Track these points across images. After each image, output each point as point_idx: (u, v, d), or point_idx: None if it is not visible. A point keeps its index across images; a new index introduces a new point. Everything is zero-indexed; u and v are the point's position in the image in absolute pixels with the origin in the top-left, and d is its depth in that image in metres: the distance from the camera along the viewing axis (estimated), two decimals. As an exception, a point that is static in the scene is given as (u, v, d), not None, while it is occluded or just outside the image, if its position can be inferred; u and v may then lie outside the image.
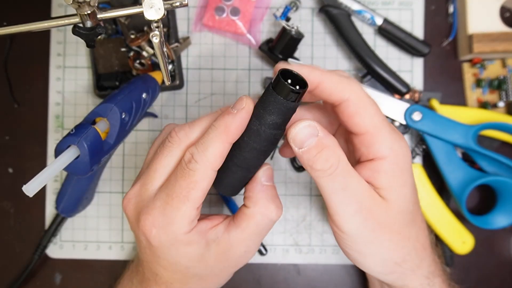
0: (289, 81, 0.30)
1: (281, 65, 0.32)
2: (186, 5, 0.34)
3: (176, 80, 0.50)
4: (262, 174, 0.34)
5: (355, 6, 0.49)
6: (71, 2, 0.31)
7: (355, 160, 0.34)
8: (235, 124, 0.31)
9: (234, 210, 0.50)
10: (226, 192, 0.36)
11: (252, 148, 0.32)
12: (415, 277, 0.34)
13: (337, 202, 0.31)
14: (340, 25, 0.48)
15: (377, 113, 0.32)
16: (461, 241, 0.49)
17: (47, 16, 0.52)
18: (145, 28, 0.48)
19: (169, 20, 0.49)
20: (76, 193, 0.46)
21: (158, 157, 0.35)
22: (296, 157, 0.32)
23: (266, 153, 0.33)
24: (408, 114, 0.47)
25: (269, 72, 0.52)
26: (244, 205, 0.35)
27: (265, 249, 0.51)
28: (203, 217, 0.35)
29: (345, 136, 0.37)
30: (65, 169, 0.35)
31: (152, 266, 0.35)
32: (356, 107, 0.31)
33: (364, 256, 0.33)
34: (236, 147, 0.33)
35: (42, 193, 0.52)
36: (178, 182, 0.32)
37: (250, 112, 0.31)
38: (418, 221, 0.34)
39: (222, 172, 0.33)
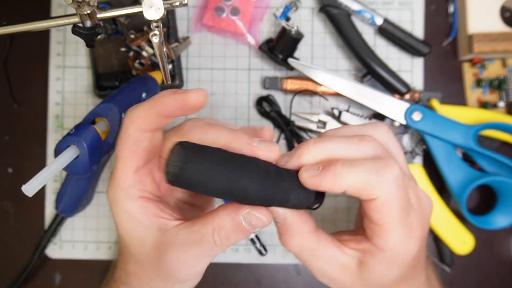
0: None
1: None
2: (186, 5, 0.34)
3: (176, 80, 0.50)
4: (247, 212, 0.30)
5: (355, 6, 0.49)
6: (71, 1, 0.31)
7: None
8: (169, 99, 0.31)
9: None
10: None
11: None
12: None
13: (308, 268, 0.33)
14: (340, 25, 0.48)
15: (400, 215, 0.29)
16: (461, 241, 0.49)
17: (46, 16, 0.52)
18: (145, 28, 0.48)
19: (169, 20, 0.49)
20: (76, 193, 0.46)
21: None
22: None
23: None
24: (408, 114, 0.47)
25: (269, 72, 0.52)
26: (209, 213, 0.31)
27: (265, 249, 0.51)
28: (171, 209, 0.33)
29: None
30: (65, 169, 0.35)
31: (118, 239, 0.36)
32: (380, 208, 0.29)
33: None
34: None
35: (41, 193, 0.52)
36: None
37: (188, 100, 0.30)
38: (401, 286, 0.33)
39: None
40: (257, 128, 0.37)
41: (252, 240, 0.51)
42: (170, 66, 0.50)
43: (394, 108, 0.48)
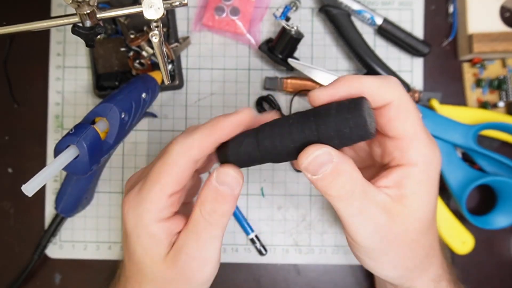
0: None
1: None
2: (186, 5, 0.34)
3: (176, 80, 0.50)
4: (218, 174, 0.32)
5: (355, 6, 0.49)
6: (71, 1, 0.31)
7: (382, 163, 0.33)
8: (224, 124, 0.31)
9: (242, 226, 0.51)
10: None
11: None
12: (422, 280, 0.34)
13: (354, 223, 0.30)
14: (340, 25, 0.48)
15: (418, 119, 0.31)
16: (461, 241, 0.49)
17: (46, 16, 0.52)
18: (145, 28, 0.48)
19: (168, 20, 0.49)
20: (76, 193, 0.46)
21: (159, 156, 0.34)
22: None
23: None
24: (408, 114, 0.47)
25: (269, 72, 0.52)
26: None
27: (265, 249, 0.51)
28: (180, 219, 0.33)
29: (370, 141, 0.36)
30: (65, 169, 0.35)
31: (124, 260, 0.35)
32: (397, 111, 0.30)
33: (377, 263, 0.33)
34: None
35: (41, 193, 0.52)
36: (156, 165, 0.32)
37: (242, 120, 0.32)
38: (434, 228, 0.34)
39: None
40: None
41: (252, 240, 0.51)
42: (170, 66, 0.50)
43: (394, 108, 0.48)
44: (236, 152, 0.32)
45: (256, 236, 0.51)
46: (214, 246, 0.32)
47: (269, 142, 0.31)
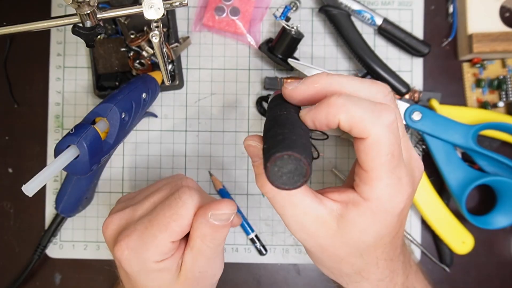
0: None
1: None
2: (186, 5, 0.35)
3: (176, 80, 0.50)
4: (211, 214, 0.33)
5: (355, 6, 0.49)
6: (71, 1, 0.31)
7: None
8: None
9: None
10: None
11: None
12: (372, 280, 0.33)
13: (282, 219, 0.31)
14: (340, 25, 0.48)
15: (388, 163, 0.28)
16: (461, 241, 0.49)
17: (47, 16, 0.52)
18: (145, 28, 0.48)
19: (169, 20, 0.49)
20: (76, 193, 0.46)
21: (164, 203, 0.35)
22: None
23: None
24: (408, 114, 0.47)
25: (269, 72, 0.52)
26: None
27: (265, 249, 0.51)
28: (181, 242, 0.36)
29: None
30: (65, 169, 0.35)
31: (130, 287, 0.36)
32: (368, 149, 0.28)
33: (313, 259, 0.34)
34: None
35: (42, 193, 0.52)
36: (164, 210, 0.33)
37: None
38: (371, 256, 0.32)
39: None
40: None
41: (252, 240, 0.51)
42: (170, 66, 0.50)
43: (394, 108, 0.48)
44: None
45: (256, 236, 0.51)
46: (220, 258, 0.36)
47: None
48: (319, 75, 0.30)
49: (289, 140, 0.27)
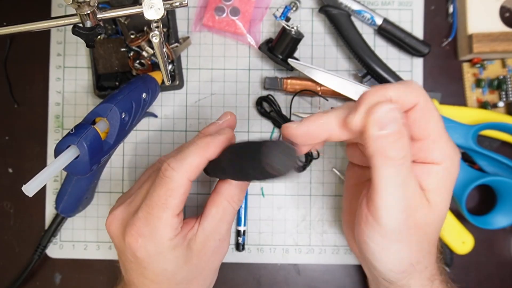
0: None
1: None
2: (186, 5, 0.35)
3: (176, 80, 0.50)
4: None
5: (355, 6, 0.49)
6: (71, 2, 0.32)
7: None
8: (215, 143, 0.35)
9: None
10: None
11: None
12: (420, 278, 0.34)
13: (390, 194, 0.30)
14: (340, 25, 0.48)
15: (441, 120, 0.32)
16: (461, 241, 0.49)
17: (47, 16, 0.52)
18: (145, 28, 0.48)
19: (169, 20, 0.49)
20: (76, 193, 0.46)
21: (144, 177, 0.37)
22: (363, 140, 0.30)
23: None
24: (408, 114, 0.47)
25: (269, 72, 0.52)
26: (212, 193, 0.37)
27: (243, 247, 0.51)
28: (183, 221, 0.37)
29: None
30: (65, 169, 0.35)
31: (138, 281, 0.36)
32: (423, 113, 0.31)
33: (384, 251, 0.32)
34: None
35: (42, 193, 0.52)
36: (156, 191, 0.34)
37: (229, 137, 0.36)
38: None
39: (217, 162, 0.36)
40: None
41: (238, 231, 0.50)
42: (170, 66, 0.50)
43: (394, 108, 0.48)
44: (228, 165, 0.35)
45: (244, 232, 0.50)
46: (229, 234, 0.40)
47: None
48: (369, 93, 0.31)
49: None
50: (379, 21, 0.50)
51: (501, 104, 0.50)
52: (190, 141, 0.38)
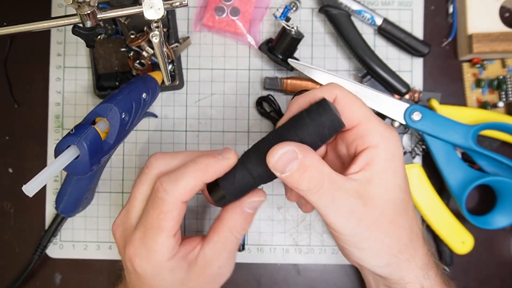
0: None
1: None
2: (186, 5, 0.35)
3: (176, 80, 0.50)
4: (248, 202, 0.35)
5: (355, 6, 0.49)
6: (71, 2, 0.32)
7: (350, 159, 0.35)
8: (215, 167, 0.33)
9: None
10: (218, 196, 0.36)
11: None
12: (411, 269, 0.34)
13: (330, 213, 0.32)
14: (340, 25, 0.48)
15: (364, 105, 0.34)
16: (461, 241, 0.49)
17: (47, 16, 0.52)
18: (145, 28, 0.48)
19: (169, 20, 0.49)
20: (76, 193, 0.46)
21: (136, 183, 0.36)
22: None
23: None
24: (407, 114, 0.47)
25: (269, 72, 0.52)
26: (216, 219, 0.36)
27: (243, 247, 0.51)
28: (183, 239, 0.36)
29: (335, 144, 0.37)
30: (65, 169, 0.35)
31: None
32: (344, 102, 0.33)
33: (362, 250, 0.34)
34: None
35: (42, 193, 0.52)
36: (150, 212, 0.34)
37: (232, 164, 0.34)
38: (411, 211, 0.35)
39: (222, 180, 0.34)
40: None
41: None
42: (170, 66, 0.50)
43: (394, 108, 0.48)
44: (231, 189, 0.34)
45: None
46: (235, 256, 0.38)
47: (260, 167, 0.33)
48: (296, 98, 0.35)
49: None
50: (379, 21, 0.50)
51: (501, 104, 0.50)
52: (189, 152, 0.36)
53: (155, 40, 0.36)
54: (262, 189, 0.36)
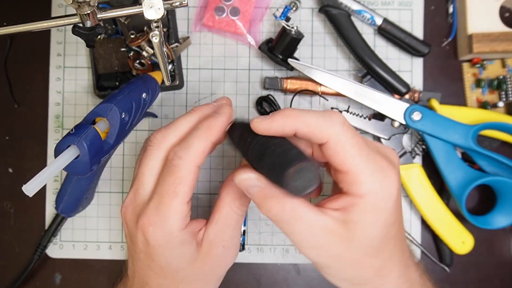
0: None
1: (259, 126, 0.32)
2: (186, 5, 0.35)
3: (176, 80, 0.50)
4: (237, 175, 0.35)
5: (355, 6, 0.49)
6: (71, 2, 0.32)
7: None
8: (217, 125, 0.35)
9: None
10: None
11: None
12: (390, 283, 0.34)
13: (293, 240, 0.32)
14: (340, 25, 0.48)
15: (359, 153, 0.31)
16: (461, 241, 0.49)
17: (47, 16, 0.52)
18: (145, 28, 0.48)
19: (169, 20, 0.49)
20: (76, 193, 0.46)
21: (143, 162, 0.37)
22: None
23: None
24: (407, 114, 0.47)
25: (269, 72, 0.52)
26: (216, 199, 0.37)
27: (243, 247, 0.50)
28: (191, 220, 0.36)
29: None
30: (65, 169, 0.35)
31: (143, 273, 0.36)
32: (336, 148, 0.31)
33: (325, 274, 0.34)
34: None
35: (42, 193, 0.52)
36: (166, 180, 0.34)
37: (230, 116, 0.36)
38: (388, 249, 0.33)
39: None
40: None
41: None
42: (170, 66, 0.50)
43: (394, 108, 0.48)
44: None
45: (244, 231, 0.50)
46: (238, 240, 0.38)
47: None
48: (283, 113, 0.32)
49: (291, 152, 0.29)
50: (379, 21, 0.50)
51: (501, 104, 0.50)
52: (181, 120, 0.37)
53: (155, 40, 0.36)
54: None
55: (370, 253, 0.32)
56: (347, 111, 0.49)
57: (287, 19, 0.49)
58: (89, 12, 0.33)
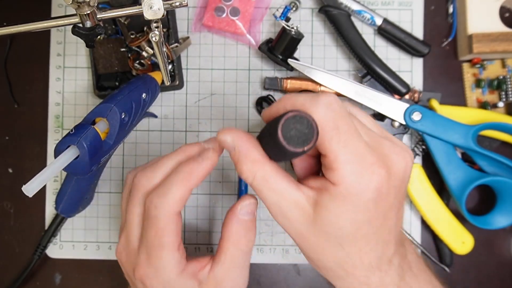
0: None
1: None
2: (186, 5, 0.35)
3: (176, 80, 0.50)
4: (241, 208, 0.35)
5: (355, 6, 0.49)
6: (71, 2, 0.32)
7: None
8: (198, 172, 0.33)
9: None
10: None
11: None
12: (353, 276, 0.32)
13: (264, 203, 0.31)
14: (340, 25, 0.48)
15: (337, 137, 0.28)
16: (461, 241, 0.49)
17: (47, 16, 0.52)
18: (145, 28, 0.48)
19: (168, 20, 0.49)
20: (76, 193, 0.46)
21: (129, 207, 0.36)
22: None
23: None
24: (407, 114, 0.47)
25: (269, 72, 0.52)
26: (220, 238, 0.36)
27: None
28: (192, 258, 0.36)
29: None
30: (65, 169, 0.35)
31: None
32: (320, 130, 0.29)
33: (307, 257, 0.33)
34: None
35: (42, 193, 0.52)
36: (148, 232, 0.34)
37: (215, 164, 0.34)
38: (356, 247, 0.31)
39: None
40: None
41: None
42: (170, 67, 0.50)
43: (394, 108, 0.48)
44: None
45: None
46: (247, 269, 0.37)
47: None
48: (282, 98, 0.32)
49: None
50: (379, 21, 0.50)
51: (501, 104, 0.50)
52: (166, 160, 0.35)
53: (155, 40, 0.36)
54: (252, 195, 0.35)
55: (332, 242, 0.30)
56: (347, 111, 0.49)
57: (287, 19, 0.49)
58: (89, 12, 0.33)
